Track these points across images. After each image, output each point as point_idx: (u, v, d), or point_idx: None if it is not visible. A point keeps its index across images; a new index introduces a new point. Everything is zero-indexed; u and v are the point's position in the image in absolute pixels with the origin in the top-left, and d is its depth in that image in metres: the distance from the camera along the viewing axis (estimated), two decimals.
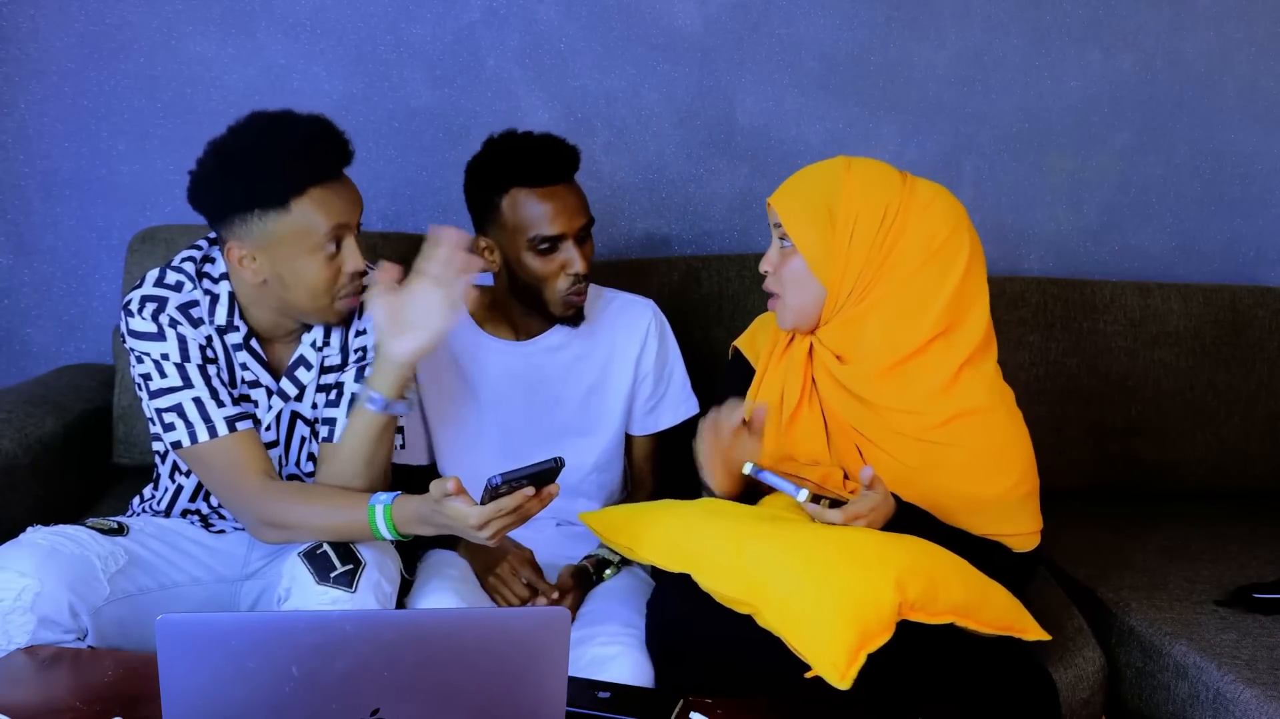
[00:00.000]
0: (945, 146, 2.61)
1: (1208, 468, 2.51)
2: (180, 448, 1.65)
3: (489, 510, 1.46)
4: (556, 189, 1.80)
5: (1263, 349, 2.53)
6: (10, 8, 2.34)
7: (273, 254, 1.60)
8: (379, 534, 1.58)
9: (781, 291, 1.70)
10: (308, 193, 1.58)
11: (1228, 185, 2.71)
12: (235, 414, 1.65)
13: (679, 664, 1.56)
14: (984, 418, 1.65)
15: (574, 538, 1.93)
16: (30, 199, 2.41)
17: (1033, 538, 1.68)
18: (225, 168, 1.58)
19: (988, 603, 1.50)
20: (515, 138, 1.84)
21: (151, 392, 1.64)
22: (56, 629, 1.49)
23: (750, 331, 1.87)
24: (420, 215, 2.46)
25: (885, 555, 1.46)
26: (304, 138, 1.59)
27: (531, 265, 1.81)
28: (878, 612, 1.39)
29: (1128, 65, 2.63)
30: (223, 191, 1.59)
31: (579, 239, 1.82)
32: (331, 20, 2.40)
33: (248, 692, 1.06)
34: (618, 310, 1.99)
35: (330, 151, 1.61)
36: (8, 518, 1.85)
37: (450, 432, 1.93)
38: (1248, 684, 1.67)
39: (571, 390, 1.95)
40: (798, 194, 1.69)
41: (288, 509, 1.62)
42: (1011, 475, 1.65)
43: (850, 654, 1.36)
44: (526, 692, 1.10)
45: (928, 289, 1.64)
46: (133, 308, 1.64)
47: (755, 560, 1.47)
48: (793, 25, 2.52)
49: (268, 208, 1.57)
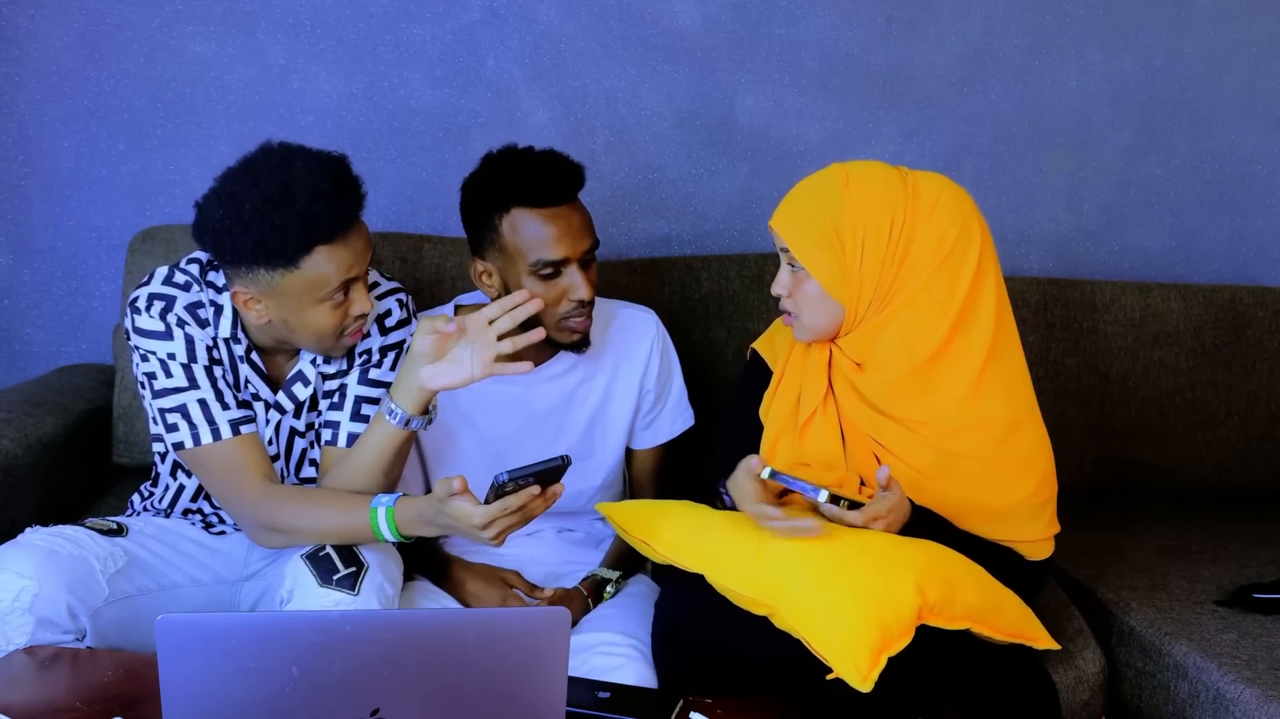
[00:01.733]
0: (945, 146, 2.61)
1: (1208, 468, 2.50)
2: (182, 449, 1.64)
3: (494, 509, 1.45)
4: (559, 210, 1.70)
5: (1263, 349, 2.53)
6: (10, 8, 2.34)
7: (279, 302, 1.57)
8: (381, 536, 1.57)
9: (798, 313, 1.66)
10: (316, 250, 1.54)
11: (1228, 185, 2.71)
12: (239, 417, 1.65)
13: (686, 666, 1.55)
14: (1004, 428, 1.63)
15: (574, 545, 1.92)
16: (30, 199, 2.41)
17: (1046, 545, 1.67)
18: (233, 219, 1.52)
19: (1001, 610, 1.50)
20: (515, 154, 1.74)
21: (155, 391, 1.63)
22: (55, 630, 1.49)
23: (769, 334, 1.85)
24: (420, 215, 2.46)
25: (905, 558, 1.46)
26: (314, 195, 1.51)
27: (533, 290, 1.69)
28: (898, 614, 1.40)
29: (1128, 65, 2.63)
30: (231, 243, 1.53)
31: (583, 263, 1.73)
32: (331, 20, 2.40)
33: (248, 692, 1.06)
34: (620, 328, 1.91)
35: (341, 207, 1.55)
36: (8, 518, 1.86)
37: (448, 464, 1.87)
38: (1248, 684, 1.67)
39: (575, 417, 1.88)
40: (800, 217, 1.64)
41: (290, 513, 1.61)
42: (1028, 484, 1.63)
43: (872, 656, 1.36)
44: (526, 692, 1.10)
45: (944, 291, 1.62)
46: (140, 305, 1.63)
47: (774, 560, 1.47)
48: (793, 25, 2.52)
49: (275, 266, 1.53)
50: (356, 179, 1.58)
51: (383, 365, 1.73)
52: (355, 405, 1.72)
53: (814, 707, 1.42)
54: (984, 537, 1.62)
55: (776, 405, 1.74)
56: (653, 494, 2.00)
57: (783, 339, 1.80)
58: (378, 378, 1.73)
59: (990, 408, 1.62)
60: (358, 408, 1.72)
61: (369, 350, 1.74)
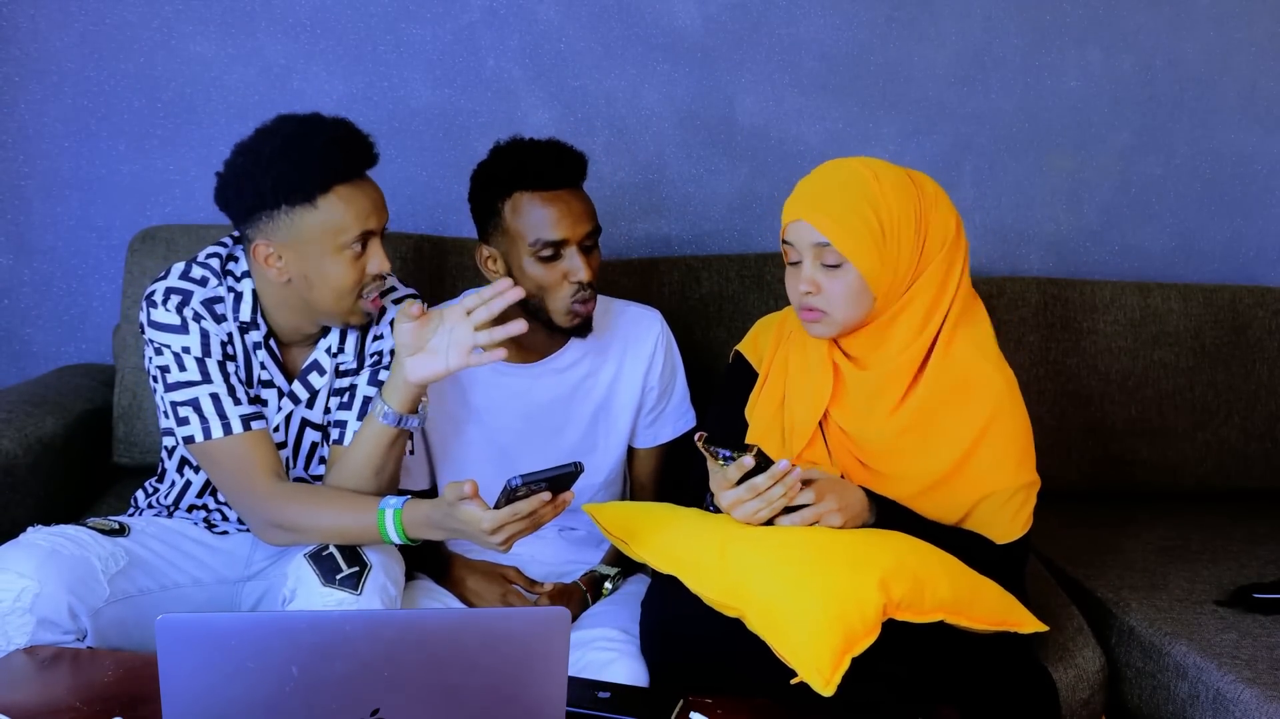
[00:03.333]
0: (945, 146, 2.61)
1: (1208, 468, 2.50)
2: (193, 443, 1.65)
3: (503, 514, 1.45)
4: (560, 194, 1.75)
5: (1263, 349, 2.53)
6: (10, 8, 2.34)
7: (299, 252, 1.60)
8: (388, 538, 1.57)
9: (830, 309, 1.61)
10: (334, 190, 1.59)
11: (1228, 185, 2.71)
12: (250, 413, 1.66)
13: (673, 665, 1.55)
14: (989, 426, 1.62)
15: (576, 543, 1.92)
16: (30, 199, 2.41)
17: (1019, 528, 1.64)
18: (255, 164, 1.59)
19: (978, 599, 1.48)
20: (521, 143, 1.80)
21: (168, 384, 1.64)
22: (56, 630, 1.49)
23: (752, 335, 1.85)
24: (420, 215, 2.46)
25: (869, 556, 1.44)
26: (331, 138, 1.60)
27: (534, 273, 1.75)
28: (861, 614, 1.38)
29: (1128, 65, 2.63)
30: (253, 187, 1.59)
31: (584, 247, 1.76)
32: (331, 20, 2.40)
33: (248, 692, 1.06)
34: (626, 325, 1.93)
35: (355, 151, 1.62)
36: (8, 518, 1.86)
37: (453, 455, 1.89)
38: (1248, 684, 1.67)
39: (579, 410, 1.90)
40: (840, 210, 1.60)
41: (297, 511, 1.62)
42: (1003, 477, 1.62)
43: (834, 659, 1.34)
44: (526, 692, 1.10)
45: (942, 280, 1.63)
46: (156, 299, 1.64)
47: (737, 563, 1.46)
48: (793, 25, 2.52)
49: (295, 203, 1.58)
50: (367, 137, 1.64)
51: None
52: (363, 406, 1.73)
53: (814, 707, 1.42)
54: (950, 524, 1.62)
55: (761, 405, 1.74)
56: (653, 496, 2.01)
57: (766, 340, 1.80)
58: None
59: (978, 417, 1.62)
60: (365, 408, 1.73)
61: (380, 352, 1.75)
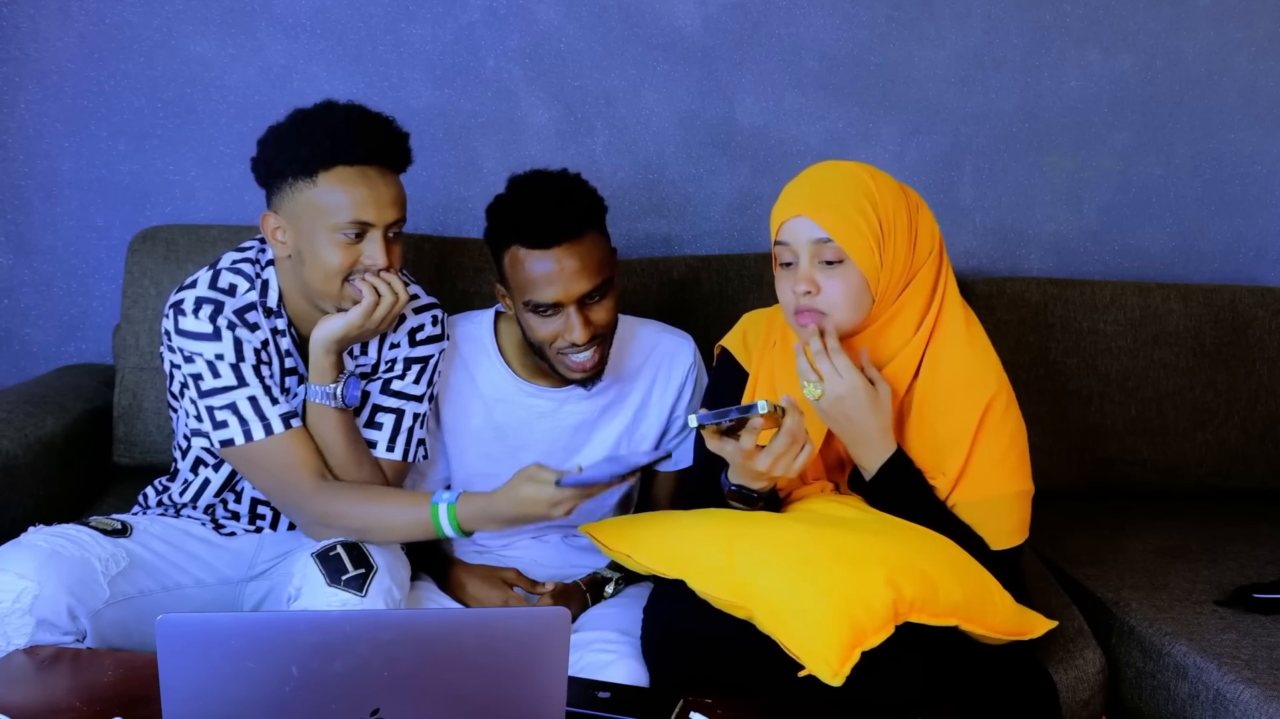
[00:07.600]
0: (945, 146, 2.61)
1: (1207, 468, 2.50)
2: (232, 446, 1.64)
3: (570, 493, 1.50)
4: (554, 252, 1.65)
5: (1263, 349, 2.53)
6: (10, 8, 2.34)
7: (297, 227, 1.62)
8: (442, 533, 1.59)
9: (831, 310, 1.59)
10: (334, 169, 1.59)
11: (1228, 185, 2.71)
12: (288, 411, 1.66)
13: (675, 668, 1.55)
14: (981, 433, 1.61)
15: (580, 549, 1.92)
16: (30, 199, 2.41)
17: (1013, 536, 1.63)
18: (276, 133, 1.64)
19: (990, 605, 1.49)
20: (527, 186, 1.71)
21: (203, 391, 1.64)
22: (55, 631, 1.49)
23: (739, 331, 1.82)
24: (420, 215, 2.46)
25: (876, 553, 1.45)
26: (343, 118, 1.62)
27: (531, 325, 1.70)
28: (869, 608, 1.39)
29: (1128, 65, 2.63)
30: (269, 156, 1.63)
31: (583, 303, 1.68)
32: (331, 20, 2.41)
33: (248, 692, 1.06)
34: (659, 355, 1.90)
35: (365, 135, 1.62)
36: (8, 518, 1.86)
37: (475, 473, 1.86)
38: (1248, 684, 1.67)
39: (604, 435, 1.88)
40: (843, 209, 1.58)
41: (348, 510, 1.63)
42: (996, 484, 1.61)
43: (843, 650, 1.35)
44: (526, 692, 1.10)
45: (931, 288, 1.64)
46: (186, 308, 1.64)
47: (744, 560, 1.46)
48: (792, 25, 2.52)
49: (298, 176, 1.60)
50: (390, 125, 1.66)
51: (405, 377, 1.75)
52: (371, 412, 1.74)
53: (814, 707, 1.42)
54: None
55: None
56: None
57: (755, 336, 1.78)
58: (399, 389, 1.75)
59: (963, 437, 1.61)
60: (372, 415, 1.74)
61: (393, 360, 1.75)
